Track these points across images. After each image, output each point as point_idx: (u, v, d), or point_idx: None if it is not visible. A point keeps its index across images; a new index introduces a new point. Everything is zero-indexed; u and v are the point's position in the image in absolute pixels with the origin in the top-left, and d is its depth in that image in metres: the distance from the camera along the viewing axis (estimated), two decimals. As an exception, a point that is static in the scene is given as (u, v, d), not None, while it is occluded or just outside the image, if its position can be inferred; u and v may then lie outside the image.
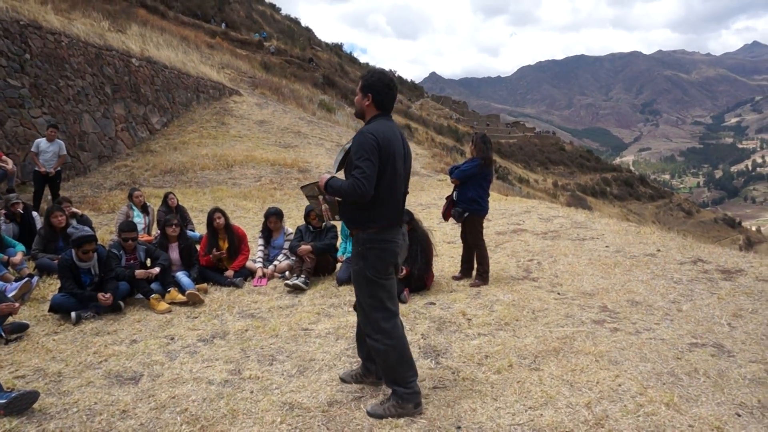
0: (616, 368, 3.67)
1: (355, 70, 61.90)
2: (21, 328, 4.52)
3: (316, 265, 6.01)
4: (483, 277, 5.86)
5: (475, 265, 6.01)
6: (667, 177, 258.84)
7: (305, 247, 5.90)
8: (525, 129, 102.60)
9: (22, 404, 3.27)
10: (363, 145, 2.96)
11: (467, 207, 5.80)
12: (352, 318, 4.92)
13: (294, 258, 6.10)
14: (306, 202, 7.51)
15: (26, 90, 12.83)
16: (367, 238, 3.12)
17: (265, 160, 16.08)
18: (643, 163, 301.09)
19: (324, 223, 6.25)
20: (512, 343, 4.20)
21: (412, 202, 7.62)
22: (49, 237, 6.49)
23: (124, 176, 14.15)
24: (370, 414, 3.18)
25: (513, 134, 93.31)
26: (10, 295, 4.90)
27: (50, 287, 5.71)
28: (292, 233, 6.45)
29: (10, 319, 4.57)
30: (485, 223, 6.27)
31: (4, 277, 5.69)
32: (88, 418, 3.24)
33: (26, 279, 5.44)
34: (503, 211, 11.24)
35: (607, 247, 7.47)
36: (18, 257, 6.16)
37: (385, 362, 3.18)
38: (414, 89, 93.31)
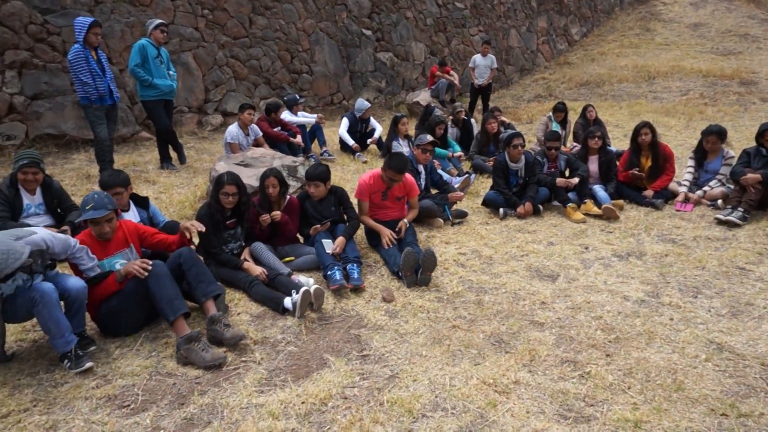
0: None
1: None
2: (462, 215, 5.44)
3: (762, 197, 4.97)
4: None
5: None
6: None
7: (753, 176, 4.89)
8: None
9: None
10: None
11: None
12: (811, 268, 3.96)
13: (732, 186, 5.20)
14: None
15: (467, 11, 14.53)
16: None
17: (696, 71, 13.90)
18: None
19: (784, 147, 5.03)
20: None
21: None
22: (483, 141, 7.43)
23: (541, 89, 14.74)
24: None
25: None
26: (455, 186, 5.91)
27: (482, 185, 6.61)
28: (733, 157, 5.45)
29: (456, 206, 5.54)
30: None
31: (449, 171, 6.91)
32: (514, 300, 3.71)
33: (466, 175, 6.44)
34: None
35: None
36: (459, 155, 7.32)
37: None
38: None
